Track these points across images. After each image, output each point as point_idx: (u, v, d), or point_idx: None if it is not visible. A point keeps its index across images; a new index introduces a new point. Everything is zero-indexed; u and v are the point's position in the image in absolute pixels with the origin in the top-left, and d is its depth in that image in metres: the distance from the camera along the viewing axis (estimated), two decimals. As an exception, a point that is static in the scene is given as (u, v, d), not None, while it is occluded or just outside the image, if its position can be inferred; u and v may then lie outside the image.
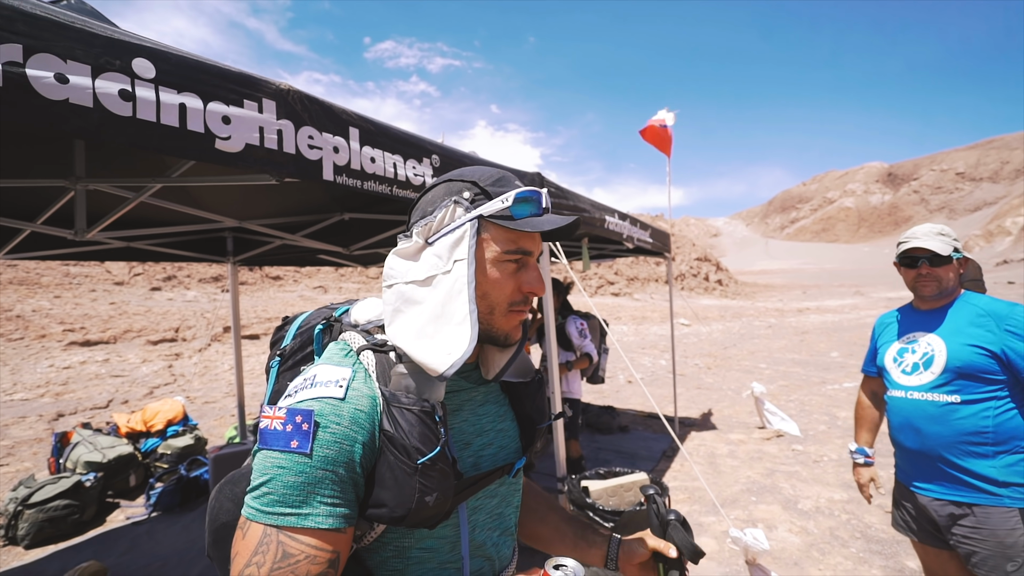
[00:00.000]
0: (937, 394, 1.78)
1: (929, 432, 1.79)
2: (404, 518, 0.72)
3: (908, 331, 1.96)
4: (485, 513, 0.88)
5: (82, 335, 10.07)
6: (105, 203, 2.66)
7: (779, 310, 26.67)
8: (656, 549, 1.00)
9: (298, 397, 0.73)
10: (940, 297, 1.88)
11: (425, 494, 0.72)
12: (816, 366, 10.36)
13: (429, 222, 0.82)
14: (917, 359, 1.87)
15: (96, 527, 3.88)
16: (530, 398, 0.97)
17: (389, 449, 0.72)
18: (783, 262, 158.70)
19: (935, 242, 1.83)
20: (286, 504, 0.67)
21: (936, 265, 1.84)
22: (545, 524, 1.10)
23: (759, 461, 5.07)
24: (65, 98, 1.03)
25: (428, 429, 0.74)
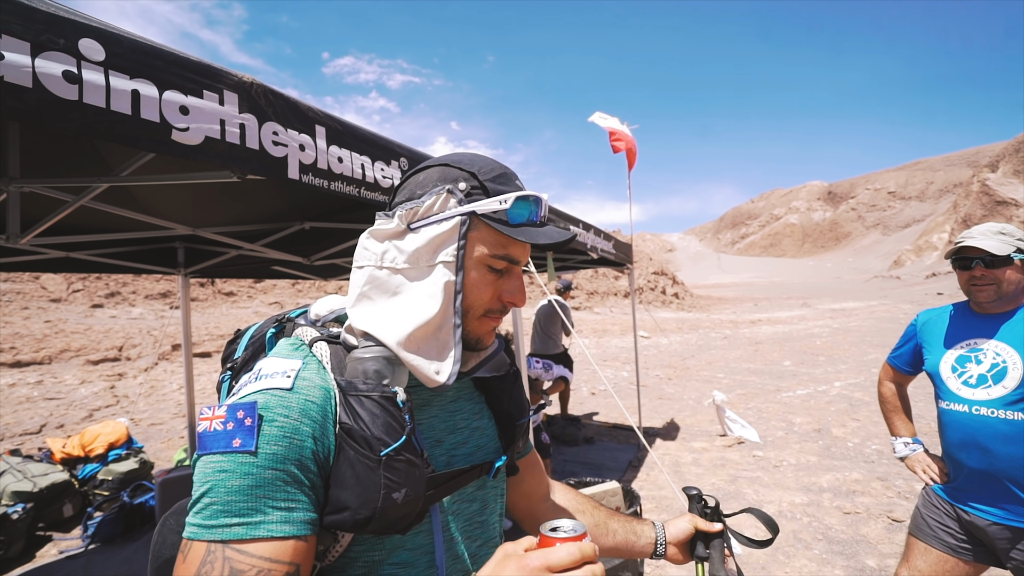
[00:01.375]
0: (1013, 412, 1.60)
1: (1001, 453, 1.62)
2: (370, 520, 0.63)
3: (967, 336, 1.76)
4: (464, 519, 0.79)
5: (12, 356, 9.32)
6: (43, 207, 2.46)
7: (733, 321, 27.56)
8: (700, 527, 1.03)
9: (242, 392, 0.65)
10: (1001, 303, 1.69)
11: (392, 490, 0.63)
12: (771, 375, 10.70)
13: (416, 206, 0.74)
14: (984, 370, 1.67)
15: (24, 563, 3.53)
16: (507, 393, 0.90)
17: (348, 443, 0.64)
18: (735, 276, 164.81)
19: (991, 241, 1.65)
20: (232, 513, 0.58)
21: (993, 267, 1.64)
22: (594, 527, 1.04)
23: (722, 468, 5.16)
24: (0, 76, 0.94)
25: (391, 416, 0.66)
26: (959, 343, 1.77)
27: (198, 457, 0.62)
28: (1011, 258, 1.63)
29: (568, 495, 1.10)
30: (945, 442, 1.83)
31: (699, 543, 1.05)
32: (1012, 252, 1.62)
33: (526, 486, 1.02)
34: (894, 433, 2.11)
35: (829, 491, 4.47)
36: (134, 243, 3.63)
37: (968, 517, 1.74)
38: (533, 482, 1.04)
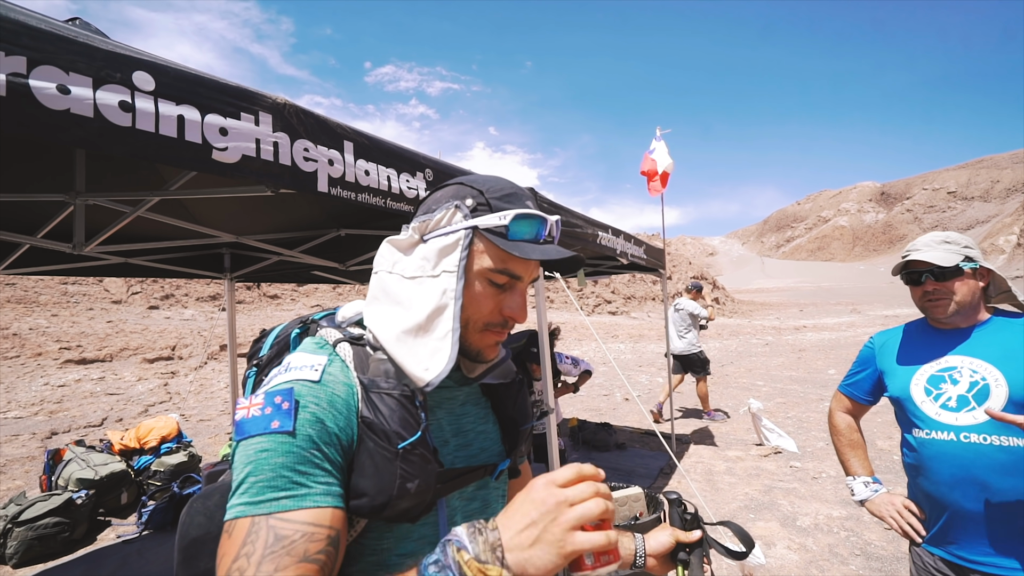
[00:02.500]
0: (1008, 437, 1.37)
1: (1003, 487, 1.37)
2: (385, 506, 0.69)
3: (934, 355, 1.56)
4: (465, 517, 0.84)
5: (78, 353, 10.02)
6: (103, 218, 2.68)
7: (776, 328, 26.68)
8: (681, 539, 1.05)
9: (274, 382, 0.70)
10: (962, 317, 1.54)
11: (406, 480, 0.69)
12: (814, 383, 10.34)
13: (428, 219, 0.81)
14: (962, 390, 1.46)
15: (86, 545, 3.82)
16: (511, 400, 0.96)
17: (368, 436, 0.70)
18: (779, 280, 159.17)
19: (936, 252, 1.53)
20: (277, 488, 0.62)
21: (943, 279, 1.51)
22: None
23: (757, 478, 5.04)
24: (66, 108, 1.07)
25: (408, 413, 0.73)
26: (927, 362, 1.57)
27: (237, 444, 0.67)
28: (960, 268, 1.50)
29: None
30: (928, 480, 1.53)
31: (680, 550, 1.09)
32: (960, 262, 1.49)
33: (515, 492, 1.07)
34: (850, 472, 1.83)
35: (870, 505, 4.30)
36: (185, 250, 3.89)
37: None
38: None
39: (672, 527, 1.14)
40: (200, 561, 0.83)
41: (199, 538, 0.82)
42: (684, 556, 1.09)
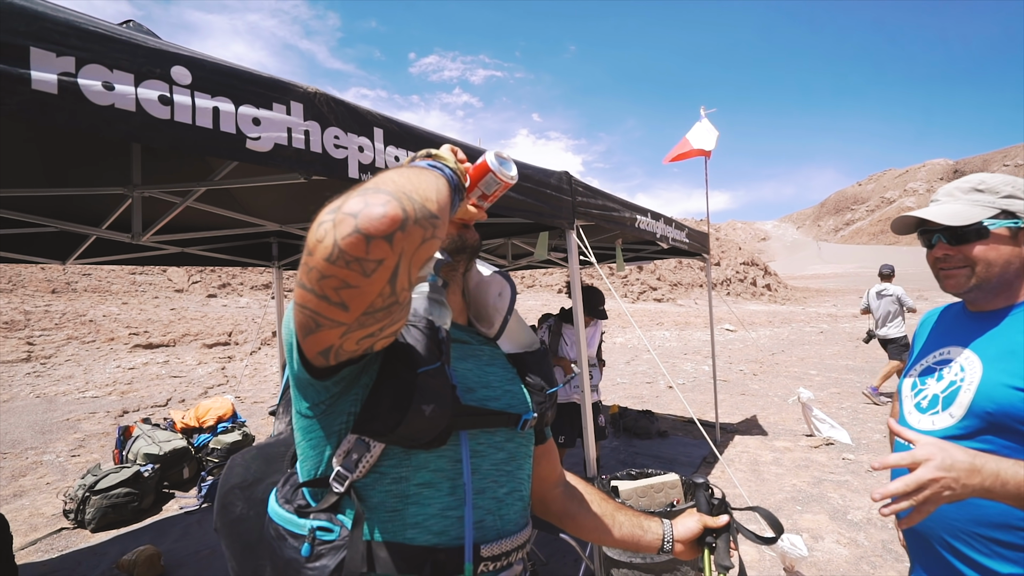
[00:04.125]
0: None
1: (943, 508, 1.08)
2: (398, 425, 0.71)
3: (943, 343, 1.26)
4: (490, 463, 0.86)
5: (145, 338, 10.74)
6: (159, 209, 2.85)
7: (832, 315, 25.44)
8: (708, 525, 1.11)
9: None
10: (988, 295, 1.16)
11: (422, 402, 0.72)
12: (872, 373, 9.82)
13: None
14: (939, 389, 1.18)
15: (153, 515, 4.13)
16: (537, 365, 1.00)
17: (390, 363, 0.75)
18: (838, 266, 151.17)
19: (956, 205, 1.16)
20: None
21: (960, 242, 1.14)
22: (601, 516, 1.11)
23: (806, 469, 4.86)
24: (111, 104, 1.13)
25: (431, 343, 0.76)
26: (934, 351, 1.28)
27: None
28: (985, 228, 1.10)
29: (579, 484, 1.17)
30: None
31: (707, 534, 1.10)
32: (988, 218, 1.10)
33: (541, 470, 1.08)
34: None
35: (929, 501, 4.07)
36: (236, 239, 4.08)
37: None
38: (548, 467, 1.11)
39: (700, 512, 1.15)
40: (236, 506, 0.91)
41: (236, 485, 0.90)
42: (711, 540, 1.11)
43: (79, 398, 7.70)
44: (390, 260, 0.56)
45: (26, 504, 4.36)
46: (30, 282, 13.01)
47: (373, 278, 0.56)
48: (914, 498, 0.91)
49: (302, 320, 0.63)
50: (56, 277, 13.53)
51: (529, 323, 2.11)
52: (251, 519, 0.91)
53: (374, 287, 0.57)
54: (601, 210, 3.07)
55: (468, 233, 0.95)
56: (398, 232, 0.55)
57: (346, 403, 0.76)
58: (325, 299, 0.58)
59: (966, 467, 0.92)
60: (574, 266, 2.85)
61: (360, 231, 0.53)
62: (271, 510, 0.83)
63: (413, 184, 0.60)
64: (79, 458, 5.52)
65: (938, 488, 0.91)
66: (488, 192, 0.90)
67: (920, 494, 0.91)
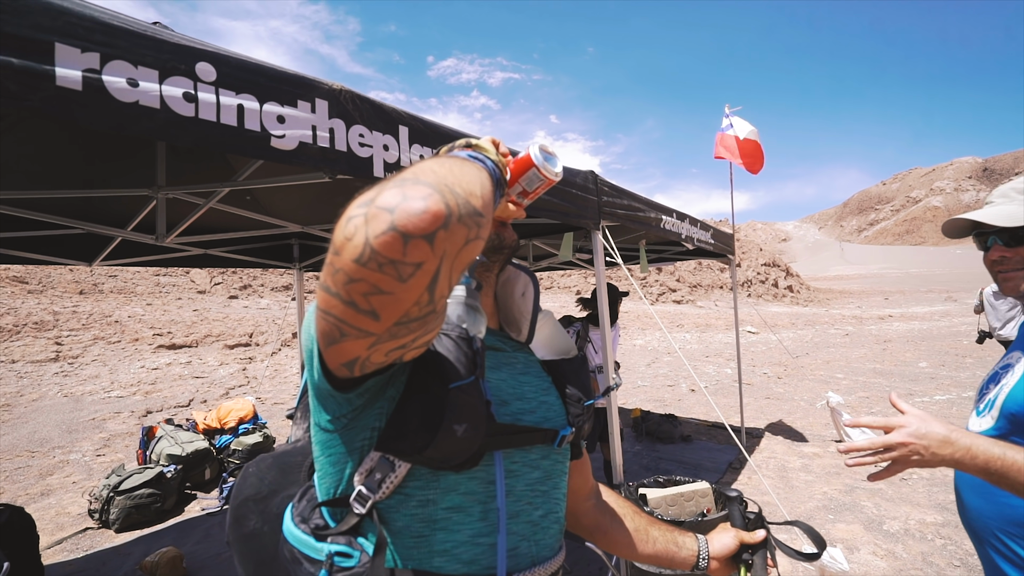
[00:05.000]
0: None
1: (971, 505, 1.19)
2: (427, 447, 0.65)
3: (1014, 349, 1.27)
4: (524, 483, 0.80)
5: (169, 339, 10.91)
6: (182, 210, 2.85)
7: (857, 317, 24.86)
8: (745, 541, 1.06)
9: None
10: None
11: (453, 422, 0.65)
12: (901, 376, 9.54)
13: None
14: (994, 393, 1.21)
15: (175, 516, 4.15)
16: (573, 375, 0.93)
17: (419, 375, 0.68)
18: (861, 267, 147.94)
19: (1012, 206, 1.15)
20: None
21: (1018, 244, 1.14)
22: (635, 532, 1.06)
23: (836, 476, 4.71)
24: (135, 101, 1.10)
25: (464, 355, 0.69)
26: (1005, 357, 1.27)
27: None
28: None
29: (611, 497, 1.11)
30: None
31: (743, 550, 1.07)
32: None
33: (574, 483, 1.02)
34: None
35: (969, 512, 3.90)
36: (258, 240, 4.10)
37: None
38: (581, 480, 1.05)
39: (735, 527, 1.11)
40: (249, 520, 0.86)
41: (250, 497, 0.85)
42: (748, 557, 1.07)
43: (104, 398, 7.83)
44: (430, 263, 0.48)
45: (53, 503, 4.43)
46: (59, 283, 13.33)
47: (410, 284, 0.49)
48: (880, 456, 1.04)
49: (325, 328, 0.56)
50: (84, 278, 13.84)
51: None
52: (265, 535, 0.85)
53: (410, 294, 0.50)
54: (627, 210, 2.99)
55: (506, 232, 0.88)
56: (440, 231, 0.47)
57: (370, 417, 0.69)
58: (352, 305, 0.50)
59: (939, 438, 1.00)
60: (600, 267, 2.77)
61: (397, 228, 0.46)
62: (286, 530, 0.77)
63: (456, 176, 0.52)
64: (104, 457, 5.59)
65: (906, 452, 1.01)
66: (529, 189, 0.83)
67: (887, 454, 1.02)
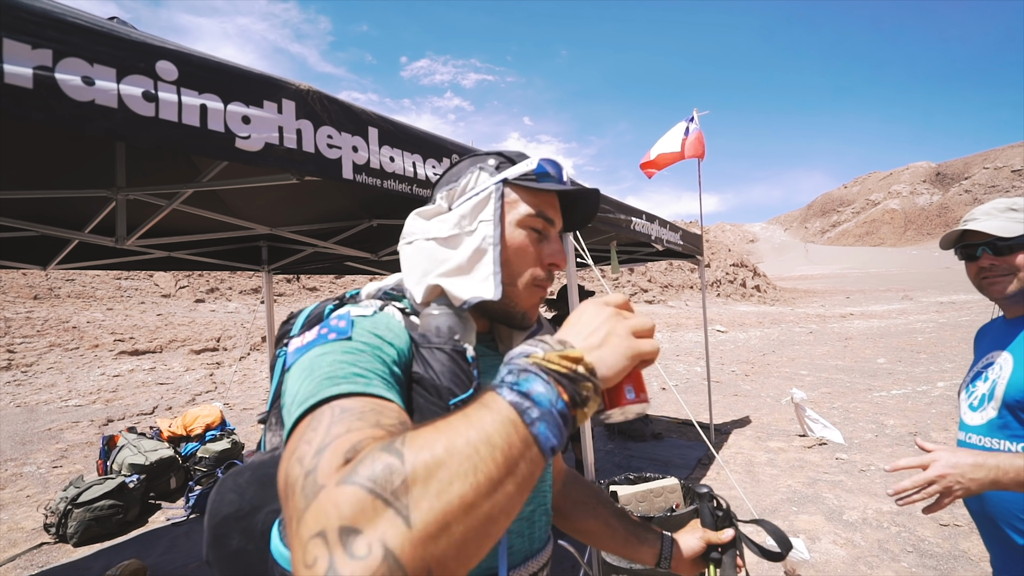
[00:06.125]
0: (995, 439, 1.28)
1: (987, 493, 1.28)
2: None
3: (989, 350, 1.43)
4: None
5: (131, 345, 10.53)
6: (144, 212, 2.77)
7: (821, 316, 25.70)
8: (712, 541, 1.04)
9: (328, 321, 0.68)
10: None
11: None
12: (861, 372, 9.90)
13: (454, 188, 0.82)
14: (985, 389, 1.35)
15: (139, 527, 4.02)
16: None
17: (419, 392, 0.67)
18: (825, 267, 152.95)
19: (996, 221, 1.32)
20: (338, 378, 0.55)
21: (1002, 253, 1.31)
22: (596, 518, 1.06)
23: (800, 470, 4.86)
24: (91, 100, 1.07)
25: (460, 369, 0.69)
26: (981, 358, 1.44)
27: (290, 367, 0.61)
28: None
29: (580, 483, 1.12)
30: None
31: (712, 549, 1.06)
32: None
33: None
34: None
35: (925, 500, 4.08)
36: (225, 243, 4.00)
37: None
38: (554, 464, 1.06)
39: (703, 527, 1.11)
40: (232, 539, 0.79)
41: (230, 515, 0.79)
42: (716, 556, 1.06)
43: (62, 407, 7.52)
44: None
45: (4, 519, 4.23)
46: (11, 288, 12.73)
47: None
48: (925, 492, 1.13)
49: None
50: (38, 283, 13.25)
51: None
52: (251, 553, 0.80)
53: None
54: (598, 211, 3.04)
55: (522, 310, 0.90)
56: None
57: None
58: None
59: (970, 463, 1.11)
60: (571, 268, 2.81)
61: None
62: (275, 550, 0.74)
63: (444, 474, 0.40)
64: (61, 469, 5.37)
65: (947, 483, 1.11)
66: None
67: (930, 488, 1.13)
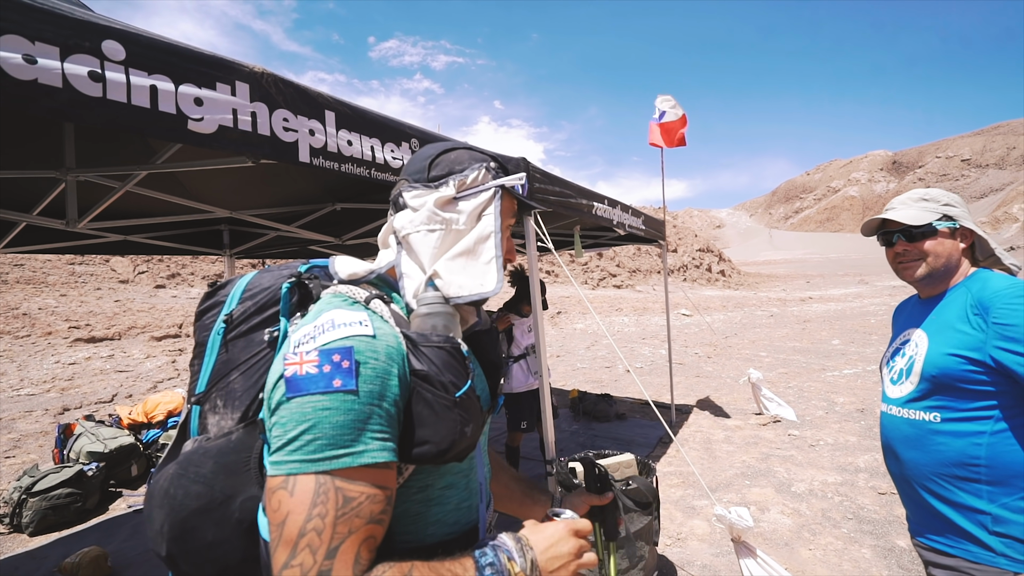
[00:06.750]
0: (913, 410, 1.39)
1: (906, 458, 1.41)
2: (447, 451, 0.73)
3: (905, 327, 1.54)
4: (481, 451, 0.95)
5: (87, 332, 10.16)
6: (97, 194, 2.69)
7: (782, 300, 26.60)
8: (594, 503, 1.22)
9: (323, 339, 0.69)
10: (933, 282, 1.44)
11: (464, 425, 0.74)
12: (816, 354, 10.35)
13: (463, 178, 0.92)
14: (903, 364, 1.46)
15: (99, 515, 3.96)
16: (492, 345, 1.01)
17: (424, 388, 0.73)
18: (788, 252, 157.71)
19: (909, 210, 1.44)
20: (337, 446, 0.64)
21: (915, 240, 1.42)
22: (498, 483, 1.15)
23: (755, 446, 5.10)
24: (34, 79, 1.06)
25: (460, 364, 0.77)
26: (899, 335, 1.56)
27: (290, 399, 0.66)
28: (934, 228, 1.40)
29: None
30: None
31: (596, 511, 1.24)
32: (935, 220, 1.40)
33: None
34: None
35: (866, 471, 4.36)
36: (185, 226, 3.90)
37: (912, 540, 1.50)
38: None
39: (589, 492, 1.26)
40: (204, 532, 0.79)
41: (200, 508, 0.78)
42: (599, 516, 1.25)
43: (13, 396, 7.24)
44: None
45: (-44, 509, 4.10)
46: (-47, 274, 12.08)
47: None
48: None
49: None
50: (-17, 268, 12.60)
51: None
52: (229, 542, 0.79)
53: None
54: (558, 196, 3.10)
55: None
56: None
57: None
58: None
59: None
60: (532, 253, 2.87)
61: None
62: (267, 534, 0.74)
63: None
64: (14, 459, 5.20)
65: None
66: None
67: None
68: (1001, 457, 1.24)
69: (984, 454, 1.26)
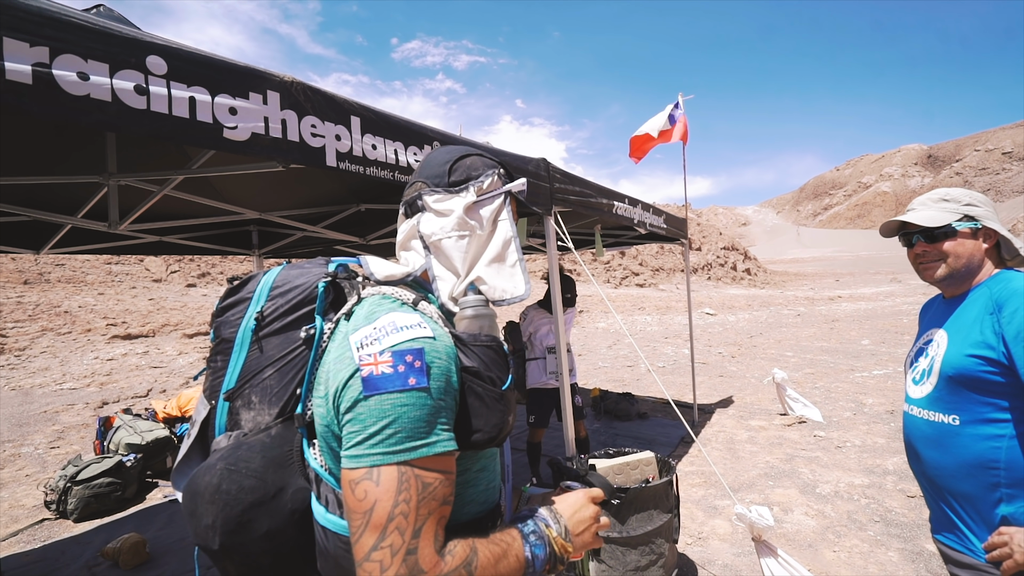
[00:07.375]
0: (933, 412, 1.40)
1: (927, 458, 1.42)
2: (495, 438, 0.83)
3: (929, 328, 1.53)
4: None
5: (124, 329, 10.57)
6: (136, 198, 2.83)
7: (809, 298, 26.01)
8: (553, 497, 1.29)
9: (391, 341, 0.76)
10: (955, 283, 1.43)
11: (507, 415, 0.85)
12: (845, 354, 10.12)
13: (480, 184, 0.99)
14: (926, 365, 1.45)
15: (137, 503, 4.15)
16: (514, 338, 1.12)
17: (475, 382, 0.82)
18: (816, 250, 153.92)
19: (929, 211, 1.44)
20: (415, 438, 0.72)
21: (935, 240, 1.42)
22: None
23: (779, 447, 5.04)
24: (87, 94, 1.14)
25: (504, 361, 0.87)
26: (923, 335, 1.56)
27: (368, 396, 0.73)
28: (953, 229, 1.39)
29: None
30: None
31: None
32: (955, 221, 1.39)
33: None
34: None
35: (894, 474, 4.27)
36: (216, 227, 4.05)
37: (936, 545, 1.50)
38: None
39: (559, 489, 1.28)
40: (260, 523, 0.82)
41: (255, 501, 0.82)
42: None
43: (56, 390, 7.59)
44: None
45: (5, 496, 4.34)
46: (0, 272, 12.67)
47: None
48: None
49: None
50: (28, 268, 13.18)
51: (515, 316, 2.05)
52: (284, 531, 0.85)
53: None
54: (578, 196, 3.12)
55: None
56: None
57: None
58: None
59: None
60: (552, 252, 2.90)
61: None
62: (328, 521, 0.82)
63: None
64: (58, 450, 5.47)
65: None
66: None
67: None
68: (1020, 460, 1.25)
69: (1003, 457, 1.27)
